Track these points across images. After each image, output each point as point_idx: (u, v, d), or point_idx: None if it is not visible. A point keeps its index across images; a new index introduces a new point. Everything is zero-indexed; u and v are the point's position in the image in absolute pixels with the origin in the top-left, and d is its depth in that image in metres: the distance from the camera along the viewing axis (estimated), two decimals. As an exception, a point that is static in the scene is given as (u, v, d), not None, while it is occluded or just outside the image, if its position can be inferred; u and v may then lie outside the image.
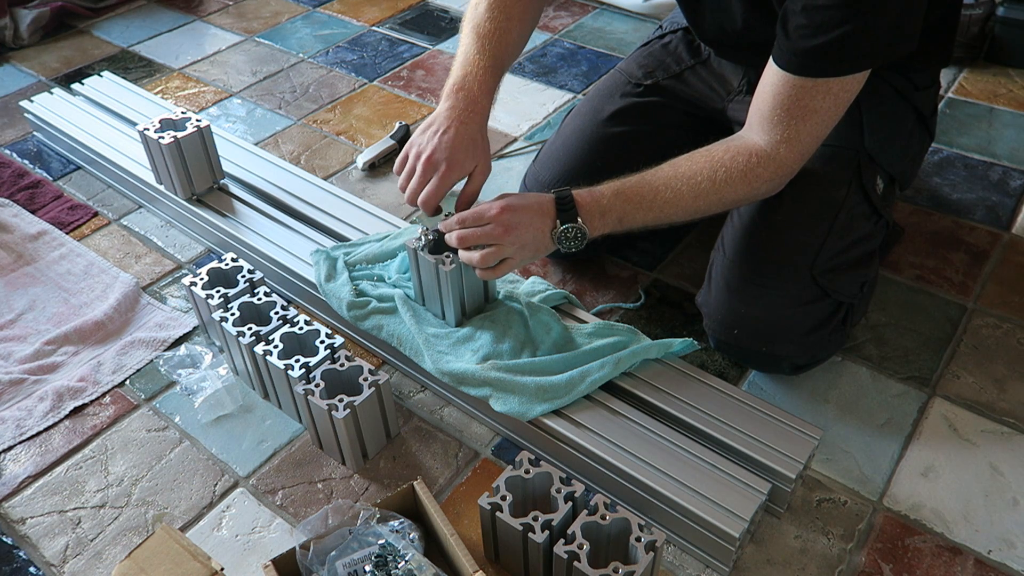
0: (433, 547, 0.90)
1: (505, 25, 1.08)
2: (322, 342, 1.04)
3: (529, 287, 1.16)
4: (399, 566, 0.81)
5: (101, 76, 1.68)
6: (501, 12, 1.08)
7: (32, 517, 1.00)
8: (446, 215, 1.08)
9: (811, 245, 1.02)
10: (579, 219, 0.95)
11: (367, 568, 0.81)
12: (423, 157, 1.00)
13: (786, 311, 1.02)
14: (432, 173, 1.00)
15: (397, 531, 0.85)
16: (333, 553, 0.82)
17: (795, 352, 1.06)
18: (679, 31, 1.28)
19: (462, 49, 1.08)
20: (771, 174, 0.95)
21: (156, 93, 1.80)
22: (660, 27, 1.33)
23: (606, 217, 0.96)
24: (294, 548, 0.84)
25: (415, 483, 0.89)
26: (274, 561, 0.83)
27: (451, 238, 0.97)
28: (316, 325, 1.06)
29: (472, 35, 1.08)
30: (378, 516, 0.85)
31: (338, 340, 1.04)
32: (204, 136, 1.31)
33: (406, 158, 1.03)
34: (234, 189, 1.39)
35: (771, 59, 0.91)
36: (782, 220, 1.04)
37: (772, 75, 0.92)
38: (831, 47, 0.85)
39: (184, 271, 1.35)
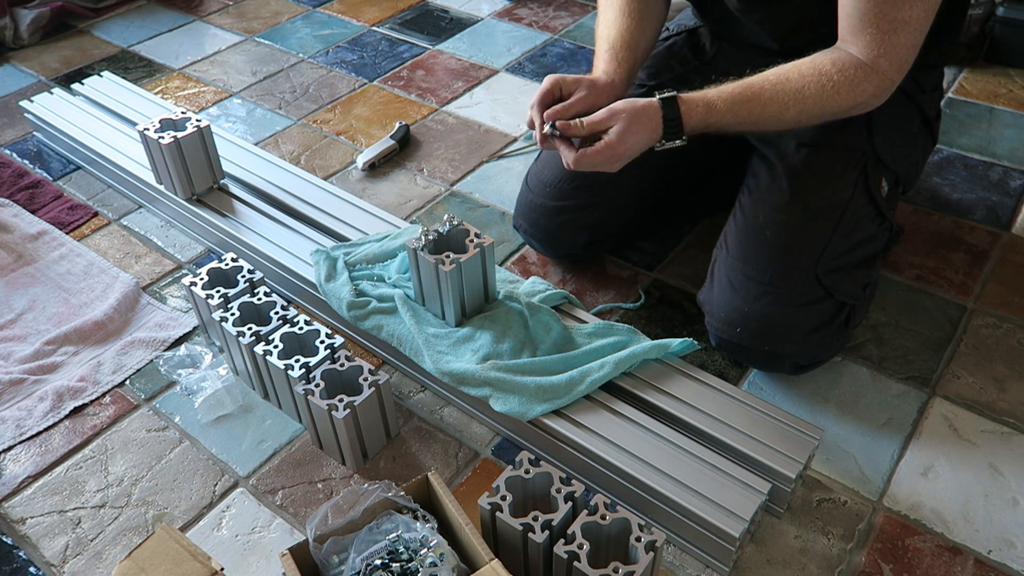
0: (445, 538, 0.90)
1: (639, 26, 1.13)
2: (322, 342, 1.04)
3: (529, 287, 1.16)
4: (411, 562, 0.81)
5: (101, 76, 1.68)
6: (630, 16, 1.13)
7: (32, 517, 1.00)
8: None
9: (816, 245, 1.02)
10: (683, 135, 0.99)
11: (377, 562, 0.81)
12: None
13: (789, 310, 1.02)
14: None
15: (417, 519, 0.85)
16: (353, 546, 0.82)
17: (797, 352, 1.06)
18: (683, 33, 1.28)
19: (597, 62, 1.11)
20: (875, 87, 0.96)
21: (156, 93, 1.80)
22: (667, 28, 1.33)
23: (708, 126, 1.00)
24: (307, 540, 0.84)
25: (429, 474, 0.89)
26: (291, 550, 0.83)
27: (567, 158, 1.00)
28: (316, 325, 1.06)
29: (602, 45, 1.12)
30: (394, 492, 0.85)
31: (338, 340, 1.04)
32: (204, 136, 1.31)
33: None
34: (234, 189, 1.39)
35: None
36: (787, 219, 1.04)
37: None
38: None
39: (184, 271, 1.35)
